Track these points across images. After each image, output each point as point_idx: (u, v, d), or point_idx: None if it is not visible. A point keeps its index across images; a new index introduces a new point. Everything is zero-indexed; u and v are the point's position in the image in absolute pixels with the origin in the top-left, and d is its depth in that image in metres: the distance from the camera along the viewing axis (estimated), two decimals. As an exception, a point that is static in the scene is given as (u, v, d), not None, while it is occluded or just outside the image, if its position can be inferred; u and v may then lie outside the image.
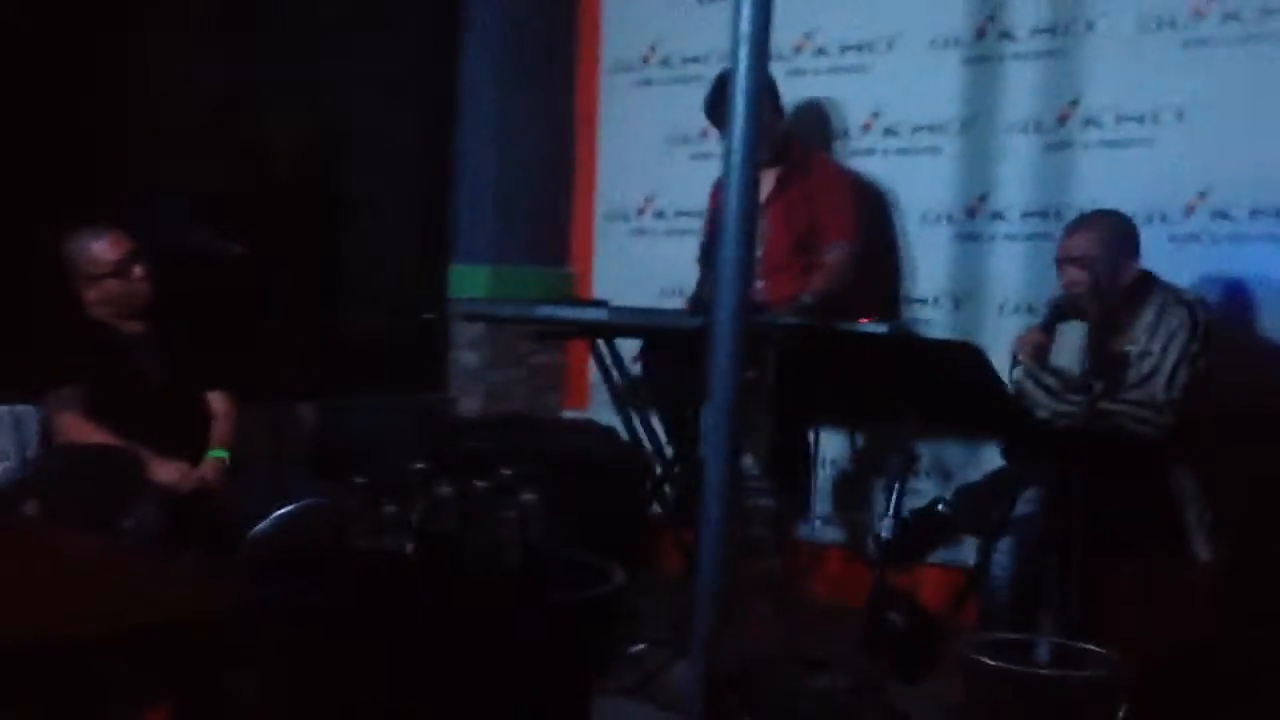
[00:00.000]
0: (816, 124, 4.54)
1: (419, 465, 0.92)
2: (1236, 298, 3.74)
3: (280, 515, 1.92)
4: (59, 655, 1.46)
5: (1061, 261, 3.46)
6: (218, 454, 3.55)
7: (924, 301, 4.35)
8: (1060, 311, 3.47)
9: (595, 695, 0.97)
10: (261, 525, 1.88)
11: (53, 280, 3.59)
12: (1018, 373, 3.50)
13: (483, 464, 1.04)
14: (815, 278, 4.10)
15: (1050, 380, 3.42)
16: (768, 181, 4.22)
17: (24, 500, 2.62)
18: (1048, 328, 3.49)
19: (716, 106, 4.07)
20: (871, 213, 4.33)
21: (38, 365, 3.47)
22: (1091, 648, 0.88)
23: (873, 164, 4.44)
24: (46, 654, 1.45)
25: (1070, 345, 3.51)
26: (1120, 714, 1.42)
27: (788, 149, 4.23)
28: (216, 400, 3.67)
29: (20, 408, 3.58)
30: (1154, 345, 3.34)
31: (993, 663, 0.84)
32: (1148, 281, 3.44)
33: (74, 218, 3.63)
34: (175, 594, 1.72)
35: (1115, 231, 3.43)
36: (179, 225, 3.90)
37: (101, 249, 3.52)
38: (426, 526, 0.93)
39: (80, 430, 3.35)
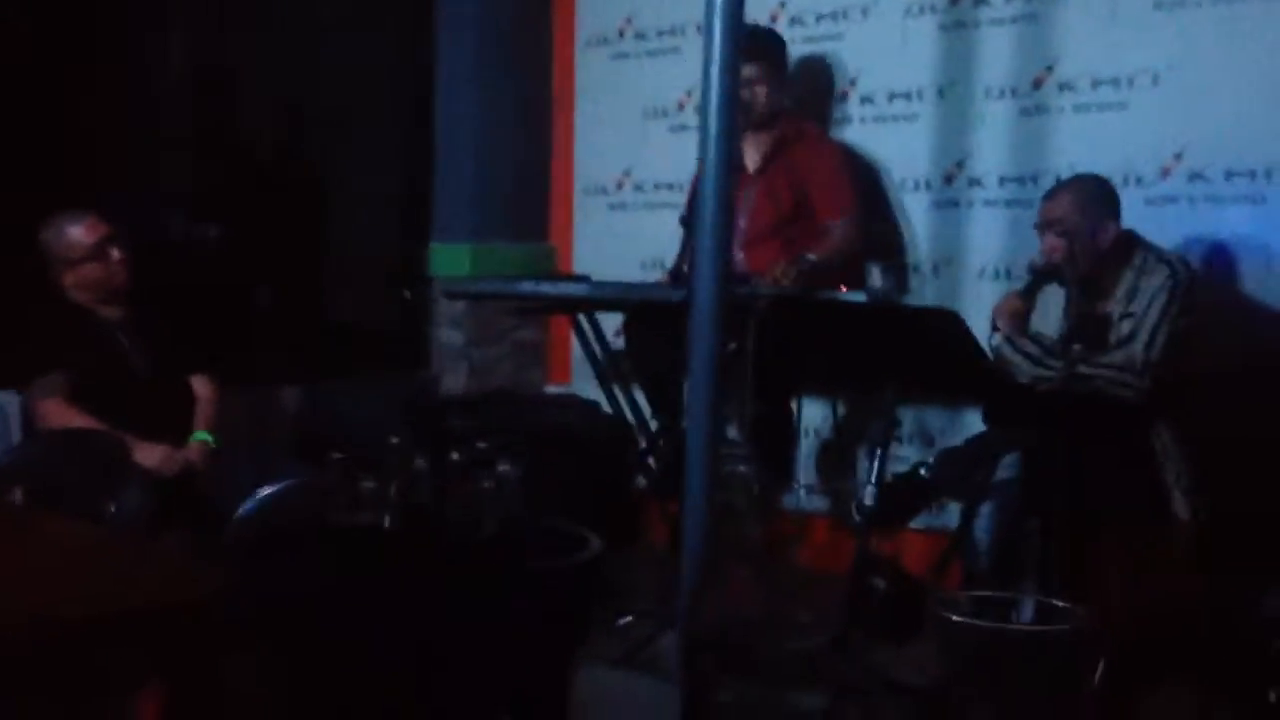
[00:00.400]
0: (793, 93, 4.54)
1: (395, 440, 0.93)
2: (1213, 259, 3.77)
3: (264, 496, 1.93)
4: (49, 640, 1.46)
5: (1040, 227, 3.48)
6: (201, 437, 3.55)
7: (903, 269, 4.37)
8: (1040, 276, 3.49)
9: (577, 662, 0.99)
10: (245, 506, 1.89)
11: (30, 267, 3.59)
12: (996, 339, 3.52)
13: (468, 441, 1.05)
14: (820, 244, 4.07)
15: (1030, 347, 3.45)
16: (757, 150, 4.22)
17: (7, 487, 2.62)
18: (1027, 293, 3.51)
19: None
20: (863, 185, 4.31)
21: (18, 352, 3.47)
22: (1067, 605, 0.89)
23: (849, 132, 4.45)
24: (36, 639, 1.45)
25: (1052, 308, 3.52)
26: (1097, 672, 1.44)
27: (780, 118, 4.22)
28: (199, 384, 3.67)
29: (1, 395, 3.58)
30: (1134, 307, 3.37)
31: (959, 618, 0.86)
32: (1129, 242, 3.45)
33: (48, 204, 3.62)
34: (162, 577, 1.73)
35: (1092, 195, 3.45)
36: (154, 210, 3.89)
37: (78, 233, 3.51)
38: (404, 500, 0.94)
39: (62, 416, 3.35)
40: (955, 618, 0.82)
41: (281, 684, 1.04)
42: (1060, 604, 0.89)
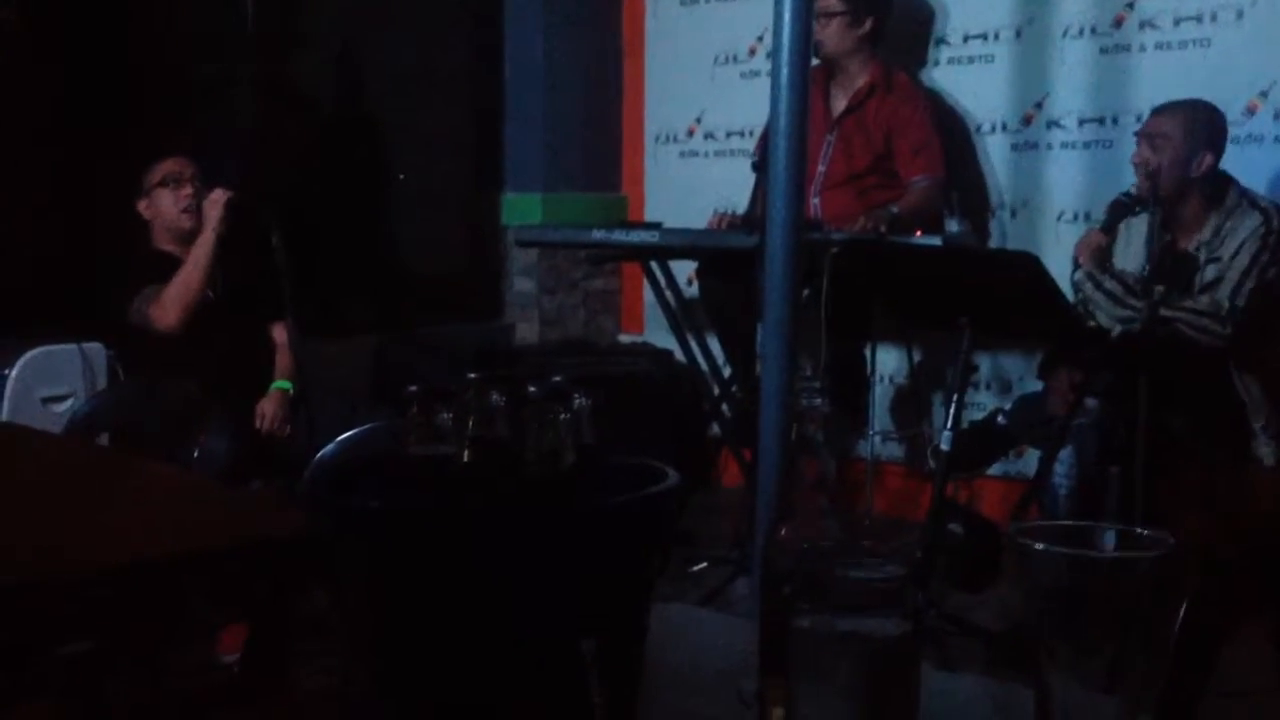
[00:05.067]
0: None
1: (472, 374, 0.94)
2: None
3: (344, 439, 1.96)
4: (134, 577, 1.50)
5: (1140, 135, 3.40)
6: (281, 385, 3.61)
7: (981, 211, 4.31)
8: (1122, 209, 3.39)
9: (654, 597, 1.00)
10: (327, 449, 1.92)
11: (121, 225, 3.66)
12: (1079, 276, 3.46)
13: (544, 376, 1.07)
14: (905, 198, 4.00)
15: (1110, 284, 3.36)
16: (843, 95, 4.15)
17: (95, 432, 2.69)
18: (1108, 227, 3.41)
19: None
20: (950, 135, 4.23)
21: (106, 301, 3.54)
22: (1151, 533, 0.88)
23: (925, 75, 4.38)
24: (127, 574, 1.49)
25: (1134, 241, 3.43)
26: (1181, 613, 1.42)
27: (871, 63, 4.14)
28: (279, 332, 3.71)
29: (88, 345, 3.65)
30: (1223, 251, 3.27)
31: (1041, 546, 0.85)
32: (1224, 181, 3.35)
33: (126, 167, 3.70)
34: (245, 517, 1.76)
35: (1197, 120, 3.33)
36: (231, 159, 3.95)
37: (161, 165, 3.61)
38: (481, 432, 0.94)
39: (176, 294, 3.42)
40: (1037, 545, 0.82)
41: (360, 616, 1.05)
42: (1144, 532, 0.88)
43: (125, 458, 2.56)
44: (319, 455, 1.85)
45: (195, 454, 2.90)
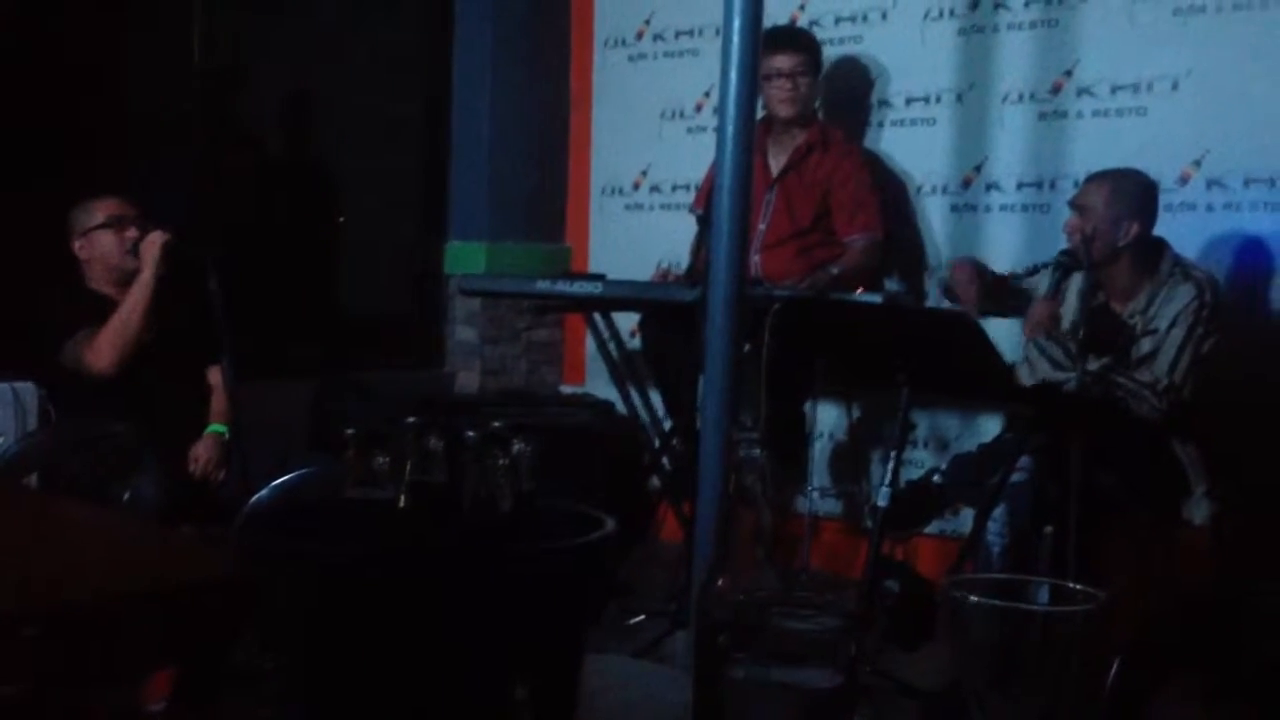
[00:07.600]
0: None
1: (410, 419, 0.93)
2: (1230, 265, 3.75)
3: (279, 483, 1.93)
4: (64, 619, 1.47)
5: (1071, 206, 3.45)
6: (216, 429, 3.57)
7: (918, 271, 4.36)
8: (1065, 269, 3.42)
9: (588, 647, 0.99)
10: (261, 493, 1.89)
11: (55, 264, 3.61)
12: (1031, 351, 3.48)
13: (483, 421, 1.06)
14: (844, 257, 4.05)
15: (1054, 350, 3.39)
16: (781, 154, 4.20)
17: (24, 474, 2.64)
18: (1053, 293, 3.44)
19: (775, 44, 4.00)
20: (888, 195, 4.29)
21: (36, 341, 3.49)
22: (1083, 588, 0.89)
23: (867, 136, 4.45)
24: (51, 618, 1.46)
25: (1075, 302, 3.47)
26: (1113, 669, 1.43)
27: (811, 122, 4.20)
28: (214, 375, 3.68)
29: (19, 384, 3.59)
30: (1157, 323, 3.31)
31: (975, 599, 0.86)
32: (1158, 249, 3.39)
33: (67, 201, 3.65)
34: (174, 561, 1.73)
35: (1124, 191, 3.38)
36: (172, 201, 3.91)
37: (100, 205, 3.57)
38: (418, 477, 0.94)
39: (112, 336, 3.36)
40: (971, 598, 0.83)
41: (292, 661, 1.04)
42: (1076, 586, 0.89)
43: (53, 500, 2.51)
44: (253, 499, 1.83)
45: (126, 497, 2.86)
